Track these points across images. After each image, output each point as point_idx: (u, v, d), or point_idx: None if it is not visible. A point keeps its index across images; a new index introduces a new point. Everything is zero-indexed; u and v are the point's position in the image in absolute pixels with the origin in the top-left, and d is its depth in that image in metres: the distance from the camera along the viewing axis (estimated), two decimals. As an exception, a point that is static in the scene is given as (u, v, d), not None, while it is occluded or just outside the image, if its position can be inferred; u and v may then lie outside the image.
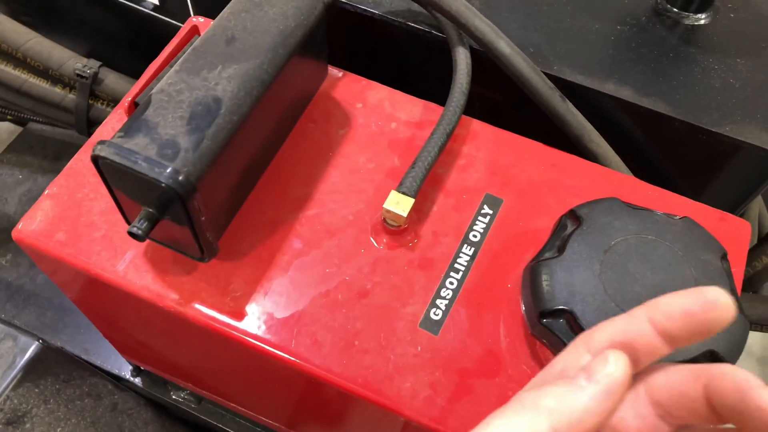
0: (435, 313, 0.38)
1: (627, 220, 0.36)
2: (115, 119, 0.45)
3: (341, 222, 0.41)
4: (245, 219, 0.41)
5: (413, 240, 0.41)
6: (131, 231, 0.34)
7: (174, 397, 0.65)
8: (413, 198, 0.39)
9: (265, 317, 0.38)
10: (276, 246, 0.40)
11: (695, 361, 0.32)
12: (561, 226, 0.37)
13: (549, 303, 0.34)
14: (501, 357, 0.37)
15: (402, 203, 0.39)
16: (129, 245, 0.40)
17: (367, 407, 0.37)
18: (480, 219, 0.42)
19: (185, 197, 0.32)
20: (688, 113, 0.46)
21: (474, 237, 0.41)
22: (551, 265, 0.35)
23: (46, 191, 0.42)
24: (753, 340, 1.18)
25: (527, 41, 0.49)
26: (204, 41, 0.38)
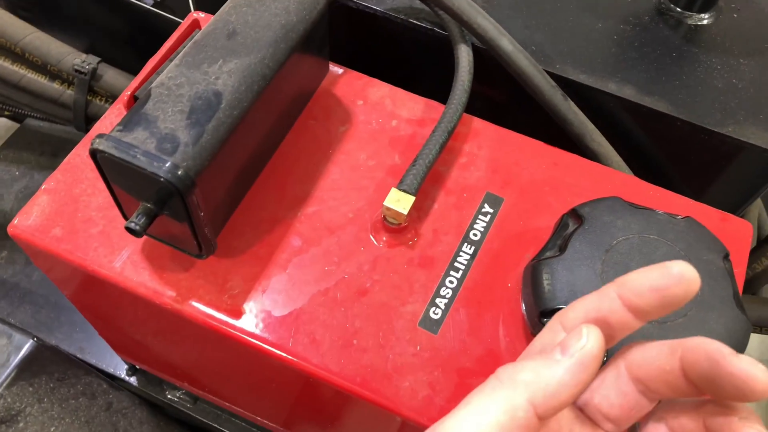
0: (434, 312, 0.38)
1: (629, 219, 0.36)
2: (114, 114, 0.45)
3: (341, 219, 0.41)
4: (244, 215, 0.41)
5: (413, 238, 0.40)
6: (129, 226, 0.33)
7: (169, 397, 0.65)
8: (414, 196, 0.39)
9: (263, 315, 0.38)
10: (275, 243, 0.40)
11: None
12: (562, 225, 0.37)
13: (550, 302, 0.34)
14: (501, 357, 0.37)
15: (402, 201, 0.38)
16: (126, 241, 0.39)
17: (365, 407, 0.37)
18: (480, 218, 0.41)
19: (184, 192, 0.32)
20: (690, 113, 0.45)
21: (474, 236, 0.41)
22: (552, 264, 0.35)
23: (43, 186, 0.41)
24: (751, 343, 1.18)
25: (530, 39, 0.48)
26: (205, 35, 0.37)
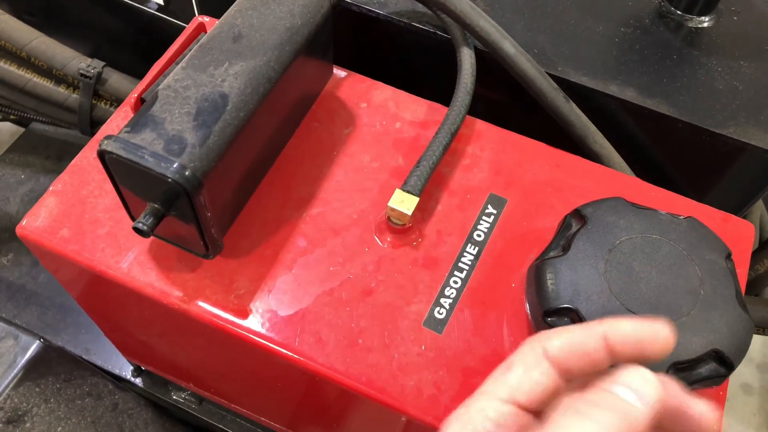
0: (439, 312, 0.38)
1: (632, 219, 0.36)
2: (121, 116, 0.45)
3: (345, 220, 0.41)
4: (250, 216, 0.41)
5: (417, 239, 0.41)
6: (136, 226, 0.34)
7: (175, 398, 0.65)
8: (418, 197, 0.39)
9: (269, 315, 0.38)
10: (280, 244, 0.40)
11: (700, 360, 0.33)
12: (566, 225, 0.37)
13: (554, 301, 0.34)
14: (505, 356, 0.37)
15: (406, 202, 0.39)
16: (133, 242, 0.40)
17: (371, 406, 0.37)
18: (484, 218, 0.42)
19: (191, 192, 0.32)
20: (691, 115, 0.46)
21: (478, 236, 0.41)
22: (556, 264, 0.35)
23: (50, 188, 0.42)
24: (752, 346, 1.18)
25: (532, 42, 0.49)
26: (211, 38, 0.38)
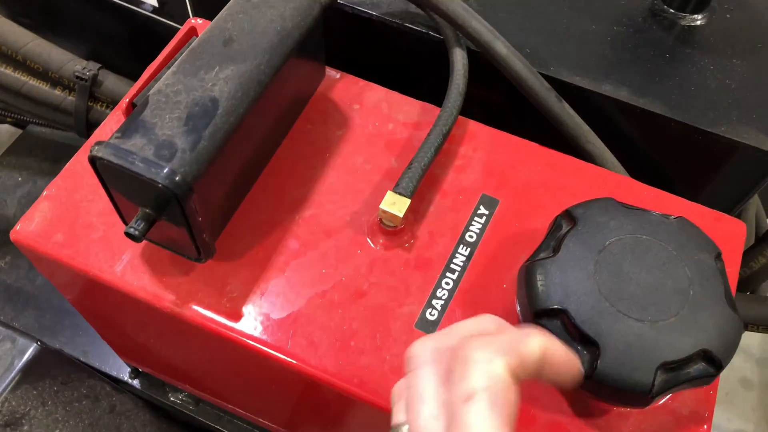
0: (431, 314, 0.38)
1: (622, 220, 0.36)
2: (114, 121, 0.45)
3: (338, 223, 0.41)
4: (242, 220, 0.41)
5: (409, 240, 0.41)
6: (128, 232, 0.34)
7: (172, 399, 0.65)
8: (409, 198, 0.39)
9: (262, 318, 0.38)
10: (273, 247, 0.40)
11: (689, 360, 0.33)
12: (556, 226, 0.38)
13: (544, 303, 0.34)
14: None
15: (398, 204, 0.39)
16: (126, 246, 0.40)
17: (363, 407, 0.38)
18: (476, 219, 0.42)
19: (182, 198, 0.32)
20: (684, 114, 0.46)
21: (470, 237, 0.41)
22: (546, 265, 0.35)
23: (44, 192, 0.42)
24: (752, 341, 1.18)
25: (524, 42, 0.49)
26: (201, 42, 0.38)
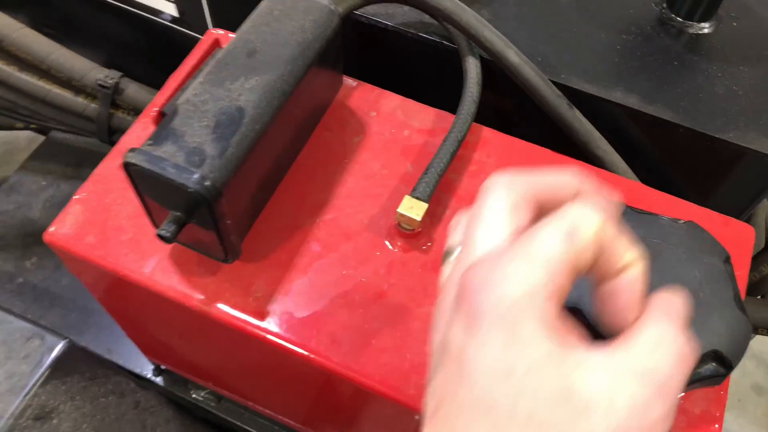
0: (448, 313, 0.40)
1: (633, 223, 0.37)
2: (140, 128, 0.47)
3: (357, 226, 0.43)
4: (266, 222, 0.43)
5: (427, 243, 0.42)
6: (160, 234, 0.36)
7: (194, 396, 0.67)
8: (427, 203, 0.41)
9: (286, 317, 0.40)
10: (295, 249, 0.42)
11: (700, 361, 0.34)
12: (569, 229, 0.39)
13: (557, 302, 0.35)
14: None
15: (416, 208, 0.40)
16: (155, 248, 0.42)
17: (385, 404, 0.39)
18: (491, 223, 0.43)
19: (212, 201, 0.34)
20: (692, 120, 0.47)
21: (485, 240, 0.42)
22: (559, 267, 0.36)
23: (75, 196, 0.44)
24: (764, 347, 1.18)
25: (535, 51, 0.50)
26: (227, 54, 0.40)
